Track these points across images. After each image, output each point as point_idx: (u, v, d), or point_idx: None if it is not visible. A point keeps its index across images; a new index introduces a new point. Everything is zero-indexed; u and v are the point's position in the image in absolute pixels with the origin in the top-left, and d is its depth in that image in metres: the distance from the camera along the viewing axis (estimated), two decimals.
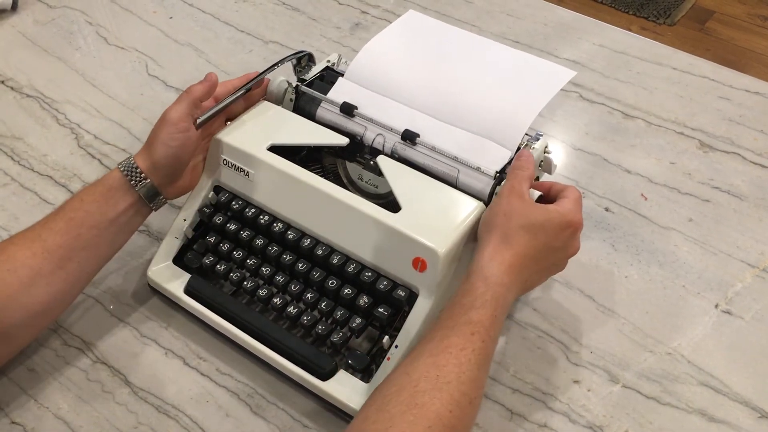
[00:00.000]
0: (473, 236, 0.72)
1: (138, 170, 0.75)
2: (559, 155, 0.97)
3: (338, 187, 0.75)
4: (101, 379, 0.75)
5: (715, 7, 2.53)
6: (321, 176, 0.76)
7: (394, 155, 0.79)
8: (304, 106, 0.84)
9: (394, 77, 0.82)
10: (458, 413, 0.59)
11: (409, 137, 0.78)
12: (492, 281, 0.65)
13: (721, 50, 2.36)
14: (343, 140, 0.79)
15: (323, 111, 0.82)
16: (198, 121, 0.79)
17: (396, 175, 0.76)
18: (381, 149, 0.79)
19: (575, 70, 1.07)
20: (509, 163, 0.75)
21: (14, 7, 1.21)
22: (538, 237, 0.68)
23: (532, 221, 0.68)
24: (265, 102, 0.84)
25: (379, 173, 0.77)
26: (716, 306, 0.80)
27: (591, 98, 1.04)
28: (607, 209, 0.90)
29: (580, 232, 0.71)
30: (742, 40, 2.41)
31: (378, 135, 0.79)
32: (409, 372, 0.61)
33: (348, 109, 0.81)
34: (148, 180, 0.76)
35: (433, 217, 0.72)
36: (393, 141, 0.78)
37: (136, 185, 0.75)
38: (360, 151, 0.80)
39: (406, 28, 0.86)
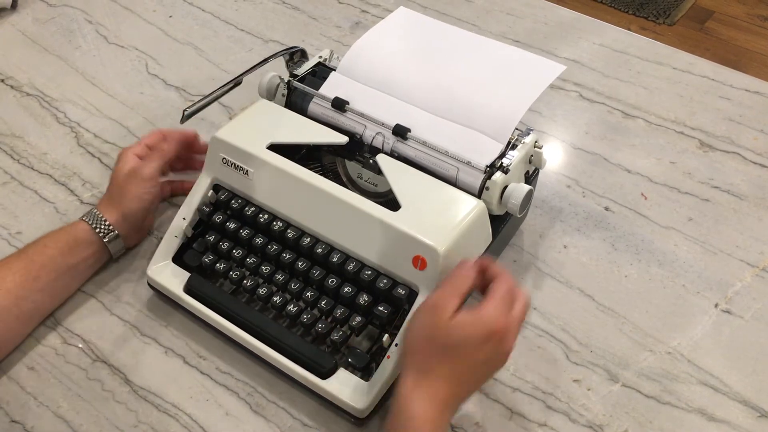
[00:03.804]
0: (473, 234, 0.72)
1: (106, 223, 0.79)
2: (559, 154, 0.97)
3: (338, 185, 0.75)
4: (101, 377, 0.75)
5: (714, 7, 2.53)
6: (320, 175, 0.76)
7: (393, 154, 0.79)
8: (296, 101, 0.84)
9: (385, 72, 0.82)
10: None
11: (400, 132, 0.78)
12: (420, 422, 0.60)
13: (720, 50, 2.36)
14: (343, 139, 0.79)
15: (315, 106, 0.82)
16: (185, 113, 0.81)
17: (395, 174, 0.75)
18: (380, 148, 0.79)
19: (575, 69, 1.08)
20: (500, 156, 0.75)
21: (14, 5, 1.21)
22: (462, 355, 0.62)
23: (454, 341, 0.61)
24: (264, 100, 0.84)
25: (379, 172, 0.77)
26: (716, 305, 0.80)
27: (591, 98, 1.04)
28: (606, 208, 0.90)
29: (511, 334, 0.64)
30: (741, 40, 2.41)
31: (377, 134, 0.79)
32: None
33: (339, 105, 0.81)
34: (116, 231, 0.80)
35: (432, 215, 0.72)
36: (392, 140, 0.78)
37: (104, 237, 0.80)
38: (359, 149, 0.80)
39: (396, 25, 0.86)
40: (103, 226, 0.79)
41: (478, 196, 0.74)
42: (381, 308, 0.71)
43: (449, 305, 0.62)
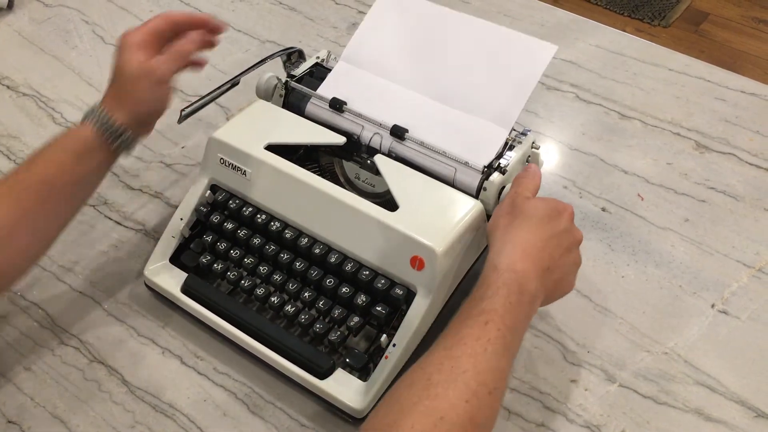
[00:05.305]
0: (471, 235, 0.72)
1: (115, 125, 0.72)
2: (555, 155, 0.97)
3: (335, 186, 0.75)
4: (98, 378, 0.75)
5: (709, 9, 2.54)
6: (318, 175, 0.76)
7: (391, 154, 0.79)
8: (293, 101, 0.84)
9: (387, 63, 0.82)
10: (476, 403, 0.57)
11: (398, 133, 0.78)
12: (502, 268, 0.64)
13: (715, 52, 2.37)
14: (341, 139, 0.79)
15: (312, 107, 0.83)
16: (183, 113, 0.80)
17: (393, 174, 0.76)
18: (378, 148, 0.79)
19: (572, 70, 1.08)
20: (497, 157, 0.76)
21: (10, 5, 1.21)
22: (542, 224, 0.68)
23: (532, 212, 0.68)
24: (262, 101, 0.84)
25: (376, 172, 0.77)
26: (712, 306, 0.80)
27: (588, 99, 1.04)
28: (603, 209, 0.90)
29: (573, 218, 0.71)
30: (736, 42, 2.42)
31: (375, 134, 0.79)
32: (423, 366, 0.60)
33: (337, 105, 0.81)
34: (129, 133, 0.73)
35: (430, 215, 0.72)
36: (390, 140, 0.79)
37: (113, 142, 0.72)
38: (357, 150, 0.80)
39: (389, 11, 0.85)
40: (111, 129, 0.71)
41: (476, 196, 0.74)
42: (379, 308, 0.71)
43: (526, 192, 0.71)
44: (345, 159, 0.82)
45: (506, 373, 0.62)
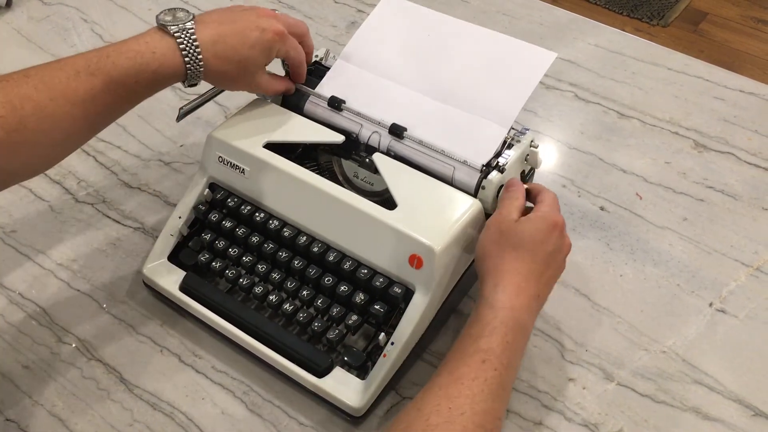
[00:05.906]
0: (469, 233, 0.72)
1: (200, 73, 0.73)
2: (554, 154, 0.97)
3: (334, 184, 0.75)
4: (96, 376, 0.75)
5: (708, 9, 2.54)
6: (317, 174, 0.76)
7: (389, 153, 0.79)
8: (292, 100, 0.84)
9: (385, 65, 0.82)
10: None
11: (396, 131, 0.78)
12: (499, 306, 0.64)
13: (714, 52, 2.37)
14: (339, 138, 0.79)
15: (311, 105, 0.83)
16: (181, 111, 0.80)
17: (392, 173, 0.76)
18: (377, 147, 0.79)
19: (571, 69, 1.08)
20: (496, 156, 0.76)
21: (9, 3, 1.21)
22: (533, 250, 0.67)
23: (522, 238, 0.68)
24: (260, 99, 0.84)
25: (375, 171, 0.77)
26: (710, 305, 0.80)
27: (586, 98, 1.04)
28: (602, 208, 0.90)
29: (564, 228, 0.71)
30: (735, 42, 2.42)
31: (374, 133, 0.79)
32: (419, 407, 0.60)
33: (335, 104, 0.81)
34: (201, 64, 0.73)
35: (429, 214, 0.72)
36: (389, 139, 0.79)
37: (190, 63, 0.72)
38: (356, 148, 0.80)
39: (387, 17, 0.85)
40: (196, 74, 0.72)
41: (474, 195, 0.74)
42: (377, 307, 0.71)
43: (512, 214, 0.70)
44: (344, 157, 0.82)
45: (502, 413, 0.62)
